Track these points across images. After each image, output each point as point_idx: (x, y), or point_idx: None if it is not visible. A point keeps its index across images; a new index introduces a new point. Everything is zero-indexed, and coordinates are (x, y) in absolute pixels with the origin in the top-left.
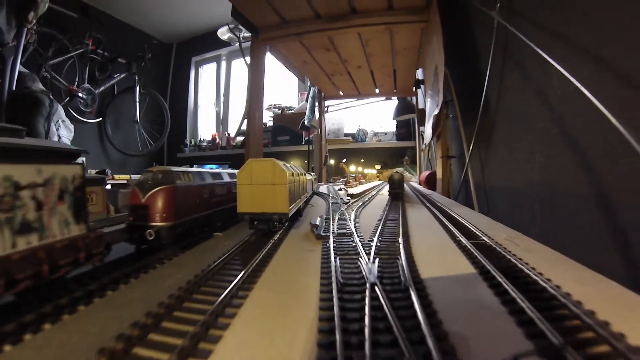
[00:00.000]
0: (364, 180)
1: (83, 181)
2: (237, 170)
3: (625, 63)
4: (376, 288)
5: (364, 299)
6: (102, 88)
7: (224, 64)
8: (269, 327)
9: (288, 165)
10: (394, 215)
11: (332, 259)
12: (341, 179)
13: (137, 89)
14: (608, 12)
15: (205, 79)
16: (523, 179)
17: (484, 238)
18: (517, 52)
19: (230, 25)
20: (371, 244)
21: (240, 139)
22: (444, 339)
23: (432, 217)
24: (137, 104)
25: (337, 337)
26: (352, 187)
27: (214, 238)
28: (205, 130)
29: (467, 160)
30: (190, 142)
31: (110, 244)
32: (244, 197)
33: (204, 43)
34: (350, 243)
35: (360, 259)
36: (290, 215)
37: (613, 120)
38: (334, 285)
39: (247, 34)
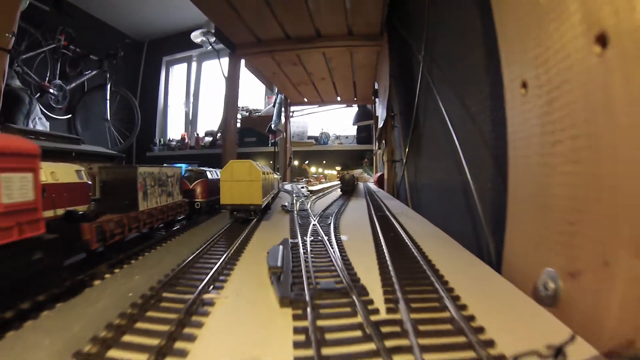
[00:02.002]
0: (324, 180)
1: (181, 176)
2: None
3: (472, 108)
4: (316, 225)
5: (309, 228)
6: (73, 85)
7: (194, 65)
8: (265, 245)
9: (260, 165)
10: (338, 204)
11: (295, 217)
12: (304, 179)
13: (108, 86)
14: (469, 74)
15: (175, 79)
16: (435, 178)
17: (386, 213)
18: (433, 88)
19: (203, 30)
20: (316, 213)
21: (208, 139)
22: (339, 237)
23: (365, 205)
24: (108, 101)
25: (299, 237)
26: (312, 185)
27: (215, 217)
28: (175, 130)
29: (404, 164)
30: (160, 141)
31: None
32: (226, 191)
33: (176, 43)
34: (306, 213)
35: (310, 216)
36: (262, 206)
37: (458, 145)
38: (296, 223)
39: None
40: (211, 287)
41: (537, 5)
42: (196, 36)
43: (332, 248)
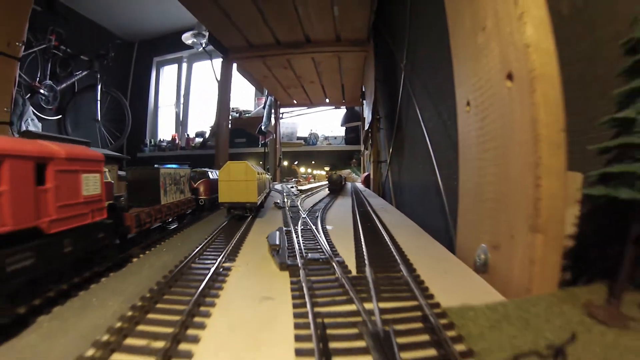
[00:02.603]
0: (313, 180)
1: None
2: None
3: (444, 115)
4: (305, 218)
5: (299, 220)
6: (64, 85)
7: (185, 65)
8: (263, 232)
9: (255, 166)
10: (326, 201)
11: (287, 212)
12: (293, 179)
13: (99, 87)
14: (442, 85)
15: (166, 80)
16: (415, 178)
17: (368, 209)
18: (412, 96)
19: (194, 31)
20: (305, 209)
21: (198, 140)
22: (325, 227)
23: (350, 203)
24: (99, 102)
25: (291, 226)
26: (302, 185)
27: (215, 212)
28: (165, 130)
29: (388, 165)
30: (150, 142)
31: None
32: (224, 190)
33: (166, 44)
34: (296, 209)
35: (300, 211)
36: (257, 204)
37: (431, 148)
38: (288, 217)
39: None
40: (226, 260)
41: (476, 42)
42: (187, 38)
43: (319, 234)
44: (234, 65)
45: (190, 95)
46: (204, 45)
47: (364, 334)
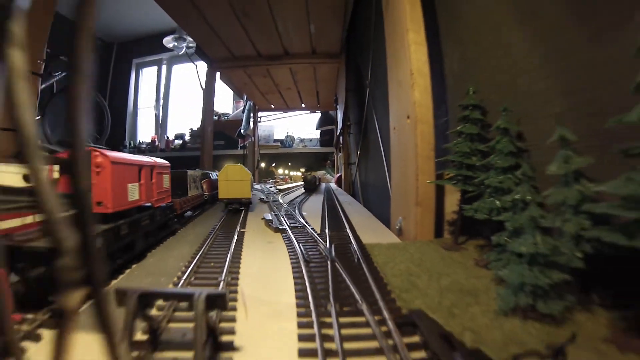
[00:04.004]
0: (290, 181)
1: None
2: (217, 173)
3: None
4: (287, 208)
5: (282, 209)
6: (42, 86)
7: (164, 68)
8: (258, 215)
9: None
10: (301, 197)
11: (272, 205)
12: (271, 180)
13: None
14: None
15: (145, 82)
16: (376, 178)
17: (336, 203)
18: (372, 107)
19: (175, 35)
20: (285, 203)
21: (178, 142)
22: (301, 213)
23: (322, 199)
24: None
25: (277, 212)
26: (280, 185)
27: (216, 206)
28: (145, 132)
29: (356, 167)
30: (130, 144)
31: None
32: (223, 189)
33: (146, 46)
34: (278, 203)
35: (282, 204)
36: (250, 199)
37: (383, 153)
38: (273, 207)
39: (192, 44)
40: (240, 229)
41: (397, 89)
42: (168, 41)
43: (297, 216)
44: (218, 75)
45: (170, 98)
46: (184, 49)
47: (322, 252)
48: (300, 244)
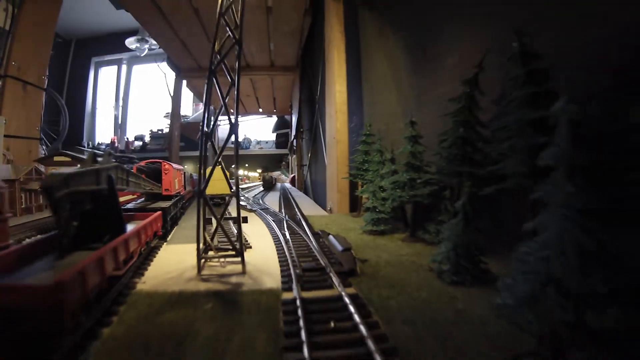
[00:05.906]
0: (248, 181)
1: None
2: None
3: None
4: (252, 200)
5: (250, 200)
6: None
7: (124, 68)
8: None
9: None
10: (262, 194)
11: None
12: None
13: None
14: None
15: (104, 82)
16: (321, 177)
17: (290, 197)
18: (319, 116)
19: (138, 37)
20: (249, 198)
21: (138, 143)
22: (264, 202)
23: (278, 194)
24: None
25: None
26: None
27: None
28: (103, 133)
29: (308, 168)
30: (88, 145)
31: None
32: (210, 186)
33: (106, 44)
34: (245, 197)
35: (248, 198)
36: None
37: (325, 156)
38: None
39: (154, 46)
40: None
41: (330, 114)
42: (131, 42)
43: (261, 204)
44: (184, 83)
45: (130, 98)
46: (146, 51)
47: (283, 220)
48: (269, 216)
